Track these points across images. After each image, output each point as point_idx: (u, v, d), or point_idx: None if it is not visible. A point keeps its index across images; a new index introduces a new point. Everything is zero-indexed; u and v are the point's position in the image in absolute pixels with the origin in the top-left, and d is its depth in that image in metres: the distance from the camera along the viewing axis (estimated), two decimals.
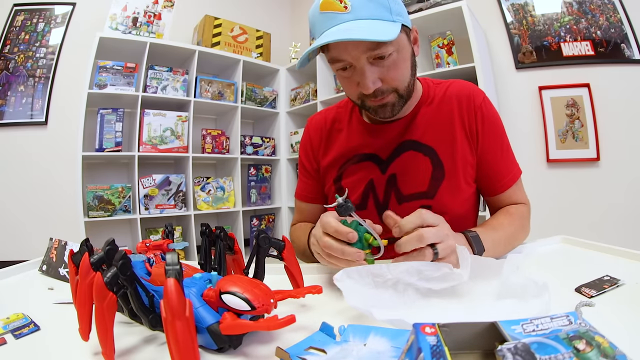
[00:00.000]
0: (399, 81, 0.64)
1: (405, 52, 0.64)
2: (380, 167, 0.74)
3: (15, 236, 1.99)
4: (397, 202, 0.72)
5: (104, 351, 0.32)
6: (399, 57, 0.62)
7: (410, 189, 0.71)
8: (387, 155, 0.74)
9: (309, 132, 0.86)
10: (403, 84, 0.65)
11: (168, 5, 2.20)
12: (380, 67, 0.61)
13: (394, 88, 0.64)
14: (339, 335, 0.35)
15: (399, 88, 0.65)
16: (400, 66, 0.63)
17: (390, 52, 0.60)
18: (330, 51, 0.62)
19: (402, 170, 0.72)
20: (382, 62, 0.61)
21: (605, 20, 1.78)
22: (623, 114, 1.74)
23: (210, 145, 2.35)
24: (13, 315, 0.44)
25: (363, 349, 0.32)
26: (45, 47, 2.14)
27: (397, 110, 0.68)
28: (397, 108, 0.67)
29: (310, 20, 0.64)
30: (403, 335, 0.34)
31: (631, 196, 1.70)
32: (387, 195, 0.73)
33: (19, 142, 2.05)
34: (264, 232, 0.43)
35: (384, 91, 0.64)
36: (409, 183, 0.72)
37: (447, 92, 0.75)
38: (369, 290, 0.45)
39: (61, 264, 0.65)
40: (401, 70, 0.64)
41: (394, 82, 0.63)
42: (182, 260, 0.37)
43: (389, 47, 0.59)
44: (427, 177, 0.71)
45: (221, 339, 0.34)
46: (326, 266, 0.55)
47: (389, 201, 0.73)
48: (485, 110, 0.72)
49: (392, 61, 0.61)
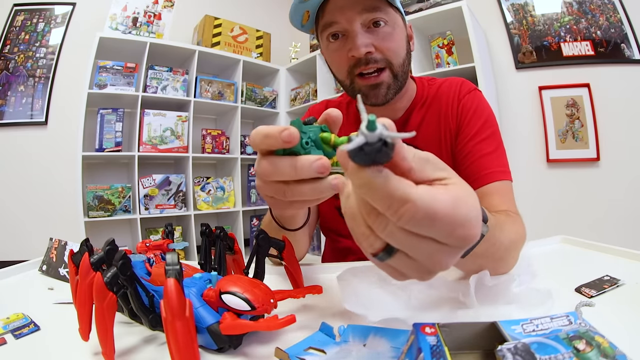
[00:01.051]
0: (393, 53, 0.61)
1: (401, 32, 0.62)
2: None
3: (15, 236, 1.99)
4: None
5: (104, 351, 0.32)
6: (395, 32, 0.61)
7: None
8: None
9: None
10: (397, 58, 0.61)
11: (168, 5, 2.20)
12: (375, 34, 0.59)
13: (388, 60, 0.61)
14: (339, 336, 0.35)
15: (393, 62, 0.61)
16: (395, 39, 0.61)
17: (386, 21, 0.59)
18: (324, 15, 0.60)
19: None
20: (377, 30, 0.59)
21: (605, 20, 1.78)
22: (623, 114, 1.74)
23: (210, 145, 2.35)
24: (13, 315, 0.44)
25: (362, 349, 0.32)
26: (45, 47, 2.14)
27: (390, 94, 0.63)
28: (391, 91, 0.63)
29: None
30: (403, 336, 0.34)
31: (631, 196, 1.70)
32: None
33: (19, 142, 2.05)
34: (263, 232, 0.43)
35: (377, 60, 0.60)
36: None
37: (438, 91, 0.71)
38: (372, 290, 0.43)
39: (61, 264, 0.65)
40: (396, 42, 0.61)
41: (388, 52, 0.60)
42: (182, 260, 0.37)
43: (384, 16, 0.59)
44: None
45: (221, 339, 0.34)
46: (282, 212, 0.48)
47: None
48: (469, 101, 0.67)
49: (387, 32, 0.60)
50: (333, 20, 0.60)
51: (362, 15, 0.58)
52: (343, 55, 0.61)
